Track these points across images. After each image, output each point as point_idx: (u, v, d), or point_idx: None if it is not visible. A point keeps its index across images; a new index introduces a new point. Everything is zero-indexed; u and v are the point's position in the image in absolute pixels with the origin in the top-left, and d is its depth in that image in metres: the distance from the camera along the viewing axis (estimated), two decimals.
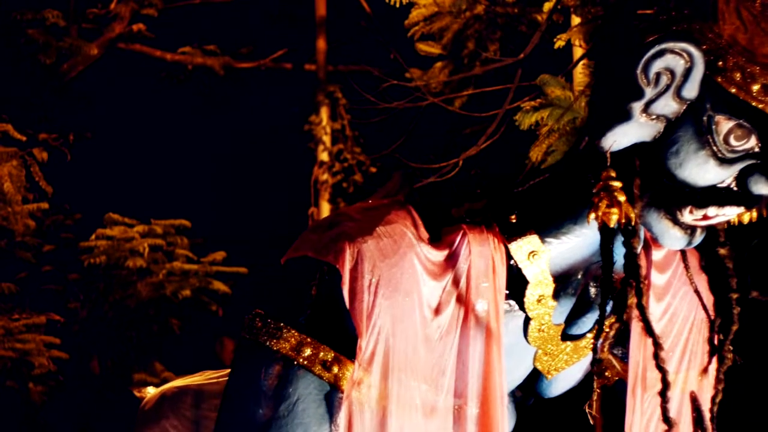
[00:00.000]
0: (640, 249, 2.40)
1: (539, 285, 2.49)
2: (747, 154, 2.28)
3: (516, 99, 4.55)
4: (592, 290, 2.56)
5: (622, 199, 2.31)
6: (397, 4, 5.22)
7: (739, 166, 2.29)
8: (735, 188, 2.31)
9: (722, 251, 2.52)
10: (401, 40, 5.97)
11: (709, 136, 2.28)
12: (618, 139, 2.31)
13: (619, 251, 2.38)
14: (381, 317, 2.36)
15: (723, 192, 2.31)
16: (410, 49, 5.99)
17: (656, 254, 2.59)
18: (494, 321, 2.43)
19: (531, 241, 2.47)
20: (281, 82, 9.98)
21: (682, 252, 2.62)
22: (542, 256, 2.47)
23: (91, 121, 8.52)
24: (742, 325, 2.56)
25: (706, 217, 2.33)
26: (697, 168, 2.29)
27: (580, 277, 2.53)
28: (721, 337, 2.60)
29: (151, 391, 2.93)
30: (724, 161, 2.28)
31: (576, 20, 4.49)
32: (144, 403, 2.90)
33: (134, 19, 8.68)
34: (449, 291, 2.42)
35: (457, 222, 2.50)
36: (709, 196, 2.31)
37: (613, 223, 2.31)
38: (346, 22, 9.29)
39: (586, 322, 2.58)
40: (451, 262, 2.43)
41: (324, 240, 2.45)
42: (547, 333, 2.55)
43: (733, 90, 2.25)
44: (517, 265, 2.48)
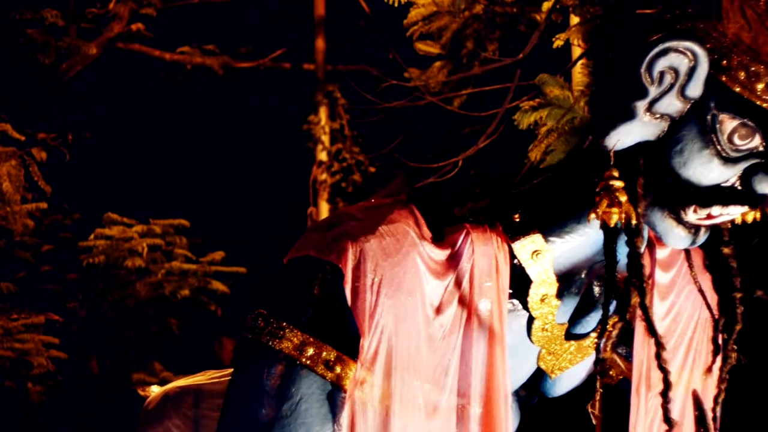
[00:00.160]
0: (643, 248, 2.40)
1: (543, 284, 2.49)
2: (751, 153, 2.28)
3: (515, 98, 4.54)
4: (596, 289, 2.56)
5: (623, 199, 2.31)
6: (396, 4, 5.21)
7: (744, 165, 2.29)
8: (739, 187, 2.30)
9: (726, 250, 2.52)
10: (400, 40, 5.95)
11: (713, 135, 2.27)
12: (622, 138, 2.30)
13: (623, 250, 2.38)
14: (384, 316, 2.36)
15: (727, 191, 2.30)
16: (409, 49, 5.97)
17: (660, 253, 2.59)
18: (497, 320, 2.42)
19: (534, 241, 2.46)
20: (280, 82, 9.96)
21: (687, 251, 2.61)
22: (546, 256, 2.47)
23: (90, 121, 8.51)
24: (746, 324, 2.55)
25: (710, 217, 2.33)
26: (701, 167, 2.29)
27: (583, 276, 2.53)
28: (725, 336, 2.60)
29: (155, 390, 2.92)
30: (729, 160, 2.28)
31: (575, 20, 4.47)
32: (147, 403, 2.89)
33: (133, 19, 8.66)
34: (452, 290, 2.42)
35: (460, 221, 2.50)
36: (714, 196, 2.30)
37: (613, 222, 2.31)
38: (345, 22, 9.27)
39: (590, 322, 2.57)
40: (454, 261, 2.43)
41: (326, 239, 2.44)
42: (551, 332, 2.55)
43: (738, 89, 2.24)
44: (521, 265, 2.48)
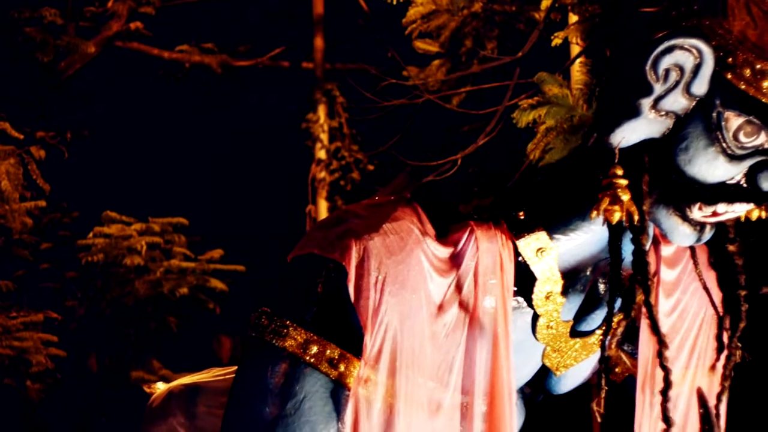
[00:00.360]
0: (649, 246, 2.39)
1: (547, 282, 2.48)
2: (757, 151, 2.28)
3: (513, 96, 4.54)
4: (601, 287, 2.55)
5: (625, 197, 2.30)
6: (395, 2, 5.20)
7: (749, 163, 2.28)
8: (744, 185, 2.30)
9: (731, 248, 2.51)
10: (399, 39, 5.94)
11: (719, 133, 2.27)
12: (627, 135, 2.30)
13: (628, 248, 2.38)
14: (388, 314, 2.35)
15: (732, 188, 2.30)
16: (408, 47, 5.97)
17: (666, 250, 2.59)
18: (502, 318, 2.42)
19: (539, 238, 2.46)
20: (279, 80, 9.96)
21: (692, 248, 2.61)
22: (550, 253, 2.46)
23: (89, 119, 8.51)
24: (751, 321, 2.55)
25: (715, 214, 2.33)
26: (707, 164, 2.28)
27: (588, 273, 2.52)
28: (729, 333, 2.60)
29: (161, 387, 2.92)
30: (734, 158, 2.28)
31: (573, 18, 4.48)
32: (152, 400, 2.89)
33: (132, 17, 8.65)
34: (456, 288, 2.42)
35: (464, 218, 2.49)
36: (719, 193, 2.30)
37: (615, 220, 2.31)
38: (344, 21, 9.27)
39: (595, 319, 2.57)
40: (458, 258, 2.43)
41: (330, 237, 2.44)
42: (556, 330, 2.54)
43: (743, 86, 2.24)
44: (525, 262, 2.47)
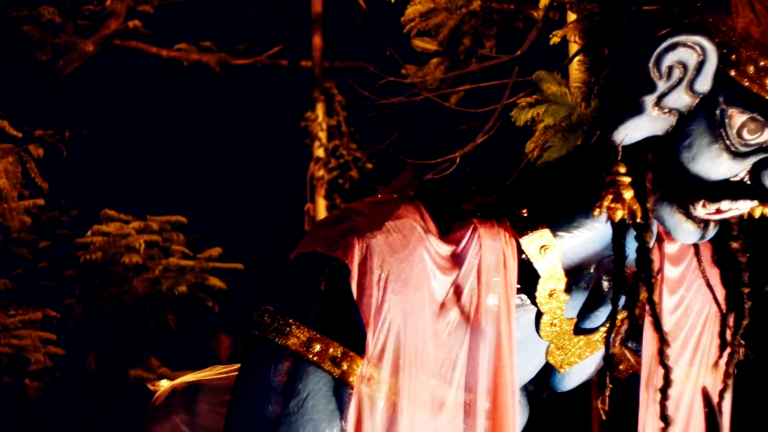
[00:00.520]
0: (653, 243, 2.39)
1: (551, 279, 2.48)
2: (760, 148, 2.28)
3: (512, 95, 4.53)
4: (605, 284, 2.55)
5: (628, 195, 2.30)
6: (393, 1, 5.19)
7: (753, 160, 2.29)
8: (748, 182, 2.30)
9: (735, 245, 2.52)
10: (397, 37, 5.93)
11: (722, 130, 2.27)
12: (630, 132, 2.30)
13: (632, 245, 2.38)
14: (390, 312, 2.35)
15: (736, 186, 2.30)
16: (406, 46, 5.95)
17: (670, 247, 2.59)
18: (505, 316, 2.42)
19: (542, 235, 2.46)
20: (277, 79, 9.93)
21: (696, 245, 2.61)
22: (554, 250, 2.46)
23: (87, 118, 8.47)
24: (755, 319, 2.55)
25: (719, 211, 2.33)
26: (710, 162, 2.28)
27: (592, 270, 2.52)
28: (732, 330, 2.60)
29: (164, 385, 2.91)
30: (737, 155, 2.28)
31: (572, 17, 4.47)
32: (155, 398, 2.88)
33: (130, 16, 8.63)
34: (459, 286, 2.41)
35: (467, 216, 2.49)
36: (722, 190, 2.30)
37: (618, 218, 2.31)
38: (342, 19, 9.26)
39: (599, 316, 2.57)
40: (461, 256, 2.42)
41: (333, 235, 2.44)
42: (560, 327, 2.54)
43: (747, 83, 2.24)
44: (529, 260, 2.47)
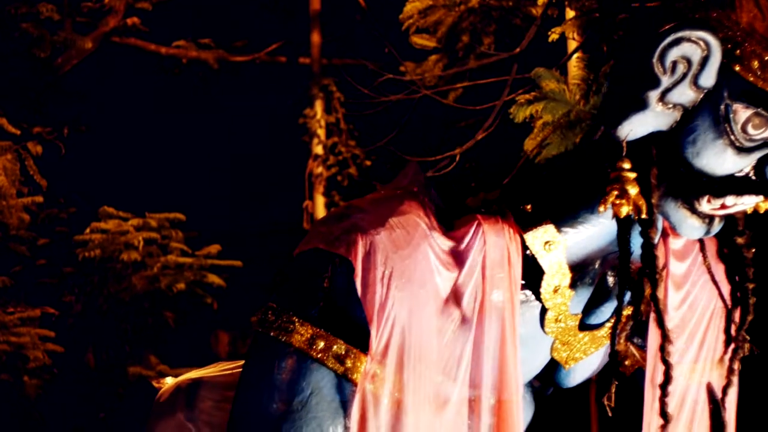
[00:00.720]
0: (657, 239, 2.39)
1: (556, 275, 2.47)
2: (765, 143, 2.28)
3: (511, 92, 4.53)
4: (610, 280, 2.54)
5: (633, 190, 2.30)
6: None
7: (757, 155, 2.28)
8: (753, 177, 2.30)
9: (740, 240, 2.51)
10: (395, 34, 5.92)
11: (727, 125, 2.27)
12: (634, 128, 2.30)
13: (637, 241, 2.37)
14: (395, 309, 2.34)
15: (741, 181, 2.30)
16: (405, 43, 5.95)
17: (675, 243, 2.58)
18: (510, 312, 2.41)
19: (547, 231, 2.45)
20: (276, 76, 9.93)
21: (701, 241, 2.60)
22: (558, 246, 2.45)
23: (86, 115, 8.45)
24: (760, 314, 2.55)
25: (724, 207, 2.33)
26: (715, 157, 2.28)
27: (597, 266, 2.52)
28: (737, 326, 2.59)
29: (169, 382, 2.90)
30: (742, 150, 2.27)
31: (570, 13, 4.46)
32: (159, 395, 2.87)
33: (128, 13, 8.61)
34: (464, 282, 2.41)
35: (471, 212, 2.48)
36: (727, 185, 2.30)
37: (623, 213, 2.30)
38: (341, 16, 9.26)
39: (604, 312, 2.56)
40: (465, 252, 2.42)
41: (336, 232, 2.43)
42: (565, 323, 2.53)
43: (751, 78, 2.24)
44: (533, 255, 2.46)
